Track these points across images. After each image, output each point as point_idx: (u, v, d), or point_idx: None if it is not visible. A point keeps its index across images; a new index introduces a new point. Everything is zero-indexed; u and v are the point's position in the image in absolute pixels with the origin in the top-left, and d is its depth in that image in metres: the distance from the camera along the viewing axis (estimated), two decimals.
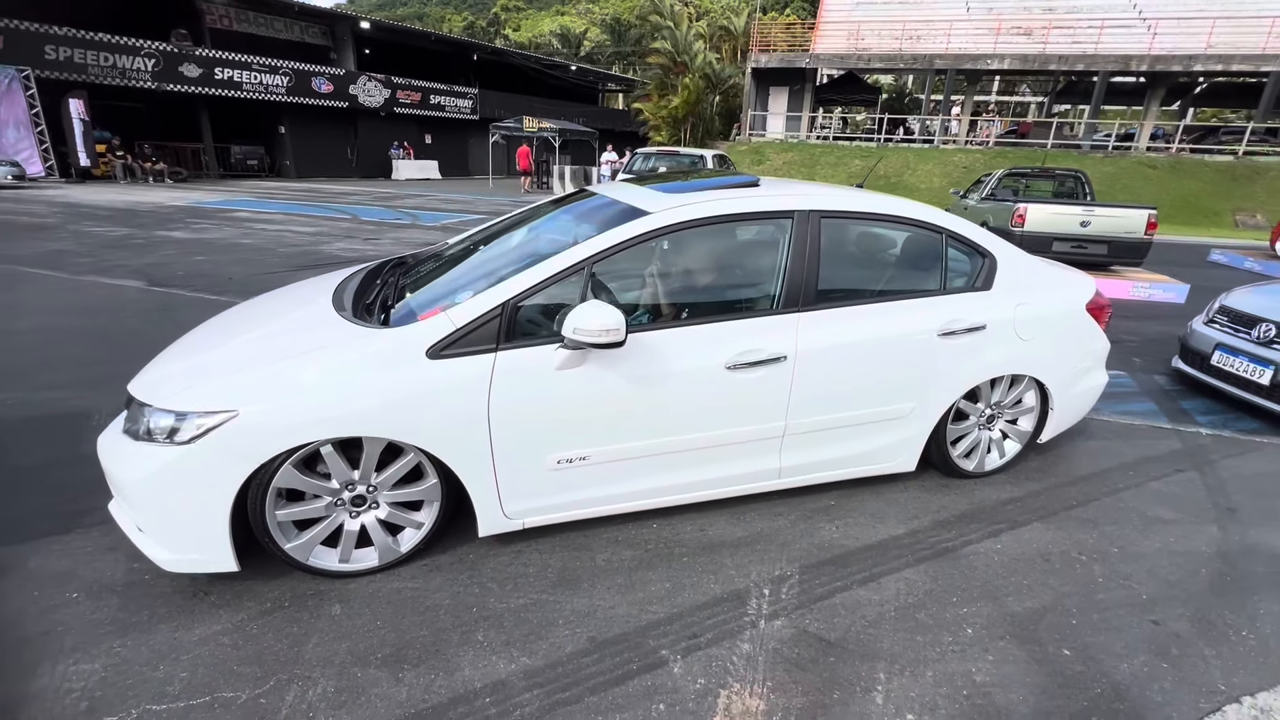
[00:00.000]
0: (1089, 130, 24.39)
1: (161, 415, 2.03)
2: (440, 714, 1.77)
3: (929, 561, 2.50)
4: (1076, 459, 3.40)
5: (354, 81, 25.18)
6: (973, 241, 2.90)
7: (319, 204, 15.08)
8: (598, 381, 2.28)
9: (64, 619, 2.06)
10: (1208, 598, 2.35)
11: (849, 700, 1.86)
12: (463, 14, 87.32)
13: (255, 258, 7.95)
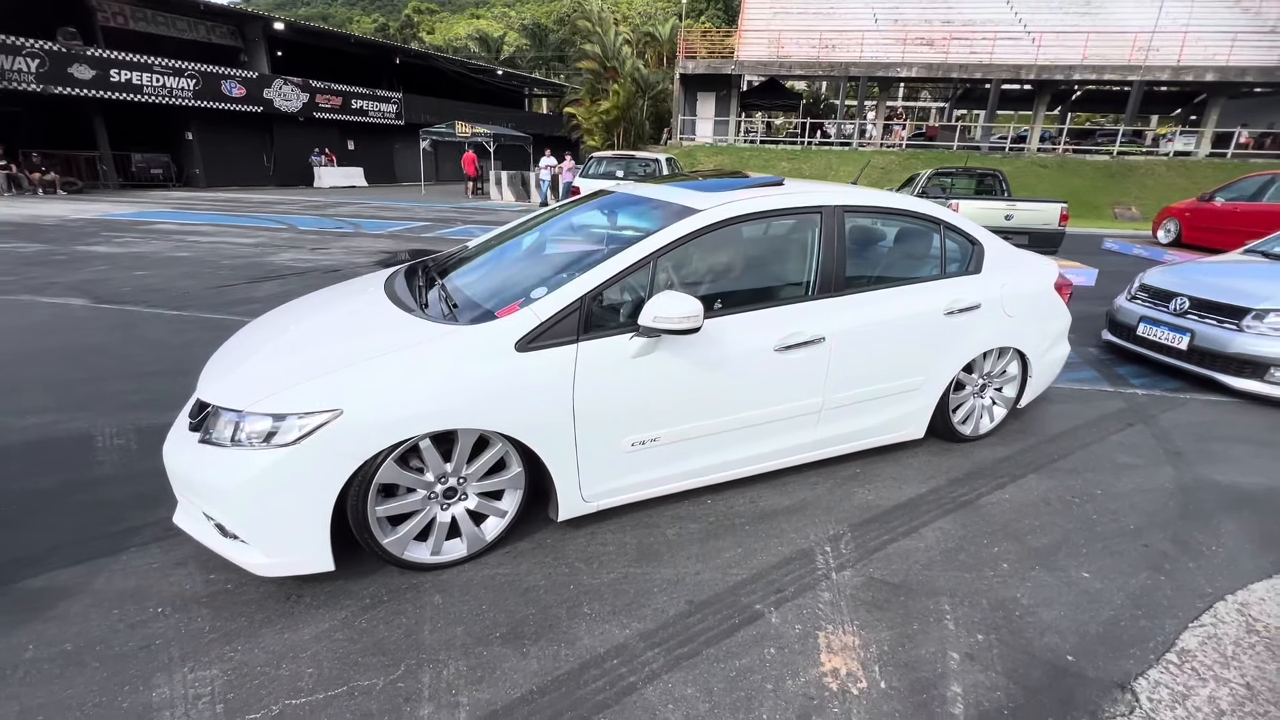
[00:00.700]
0: (986, 133, 26.59)
1: (257, 419, 2.03)
2: (576, 678, 1.89)
3: (954, 513, 2.84)
4: (1049, 421, 3.88)
5: (269, 85, 23.84)
6: (965, 231, 3.28)
7: (245, 214, 14.26)
8: (668, 367, 2.45)
9: (158, 632, 2.03)
10: (1180, 523, 2.80)
11: (926, 629, 2.13)
12: (372, 15, 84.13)
13: (202, 271, 7.52)
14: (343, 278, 7.33)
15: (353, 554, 2.25)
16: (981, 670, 1.96)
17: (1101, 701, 1.86)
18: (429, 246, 10.36)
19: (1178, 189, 19.26)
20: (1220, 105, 24.10)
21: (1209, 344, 4.38)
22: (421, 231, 12.20)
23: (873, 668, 1.96)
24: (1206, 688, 1.92)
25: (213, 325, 5.31)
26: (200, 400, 2.24)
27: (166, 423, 3.36)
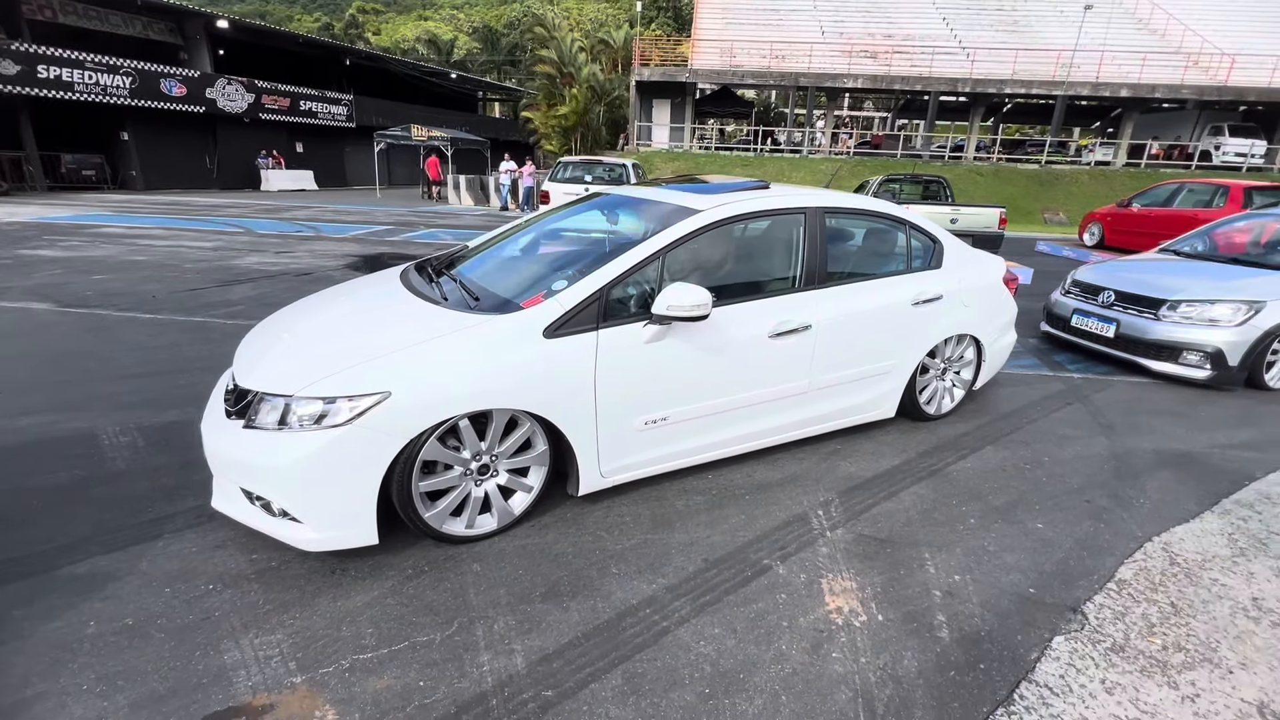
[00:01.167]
0: (927, 142, 28.03)
1: (308, 403, 2.18)
2: (615, 625, 2.12)
3: (926, 480, 3.19)
4: (999, 401, 4.32)
5: (211, 84, 22.97)
6: (927, 230, 3.67)
7: (194, 218, 13.77)
8: (677, 352, 2.71)
9: (214, 606, 2.15)
10: (1114, 482, 3.24)
11: (911, 572, 2.45)
12: (314, 15, 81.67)
13: (166, 275, 7.34)
14: (317, 280, 7.33)
15: (388, 530, 2.41)
16: (960, 603, 2.29)
17: (1059, 621, 2.21)
18: (396, 250, 10.33)
19: (1099, 196, 20.81)
20: (1134, 119, 26.12)
21: (1132, 332, 4.94)
22: (385, 235, 12.10)
23: (870, 605, 2.26)
24: (1140, 607, 2.30)
25: (192, 328, 5.26)
26: (241, 388, 2.36)
27: (167, 421, 3.46)
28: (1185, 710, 1.86)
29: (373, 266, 8.53)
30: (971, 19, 28.48)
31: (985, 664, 2.01)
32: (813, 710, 1.82)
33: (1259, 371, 4.62)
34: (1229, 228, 6.13)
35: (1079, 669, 2.00)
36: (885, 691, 1.90)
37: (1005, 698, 1.89)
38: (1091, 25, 25.40)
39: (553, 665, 1.94)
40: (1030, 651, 2.07)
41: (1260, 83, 23.04)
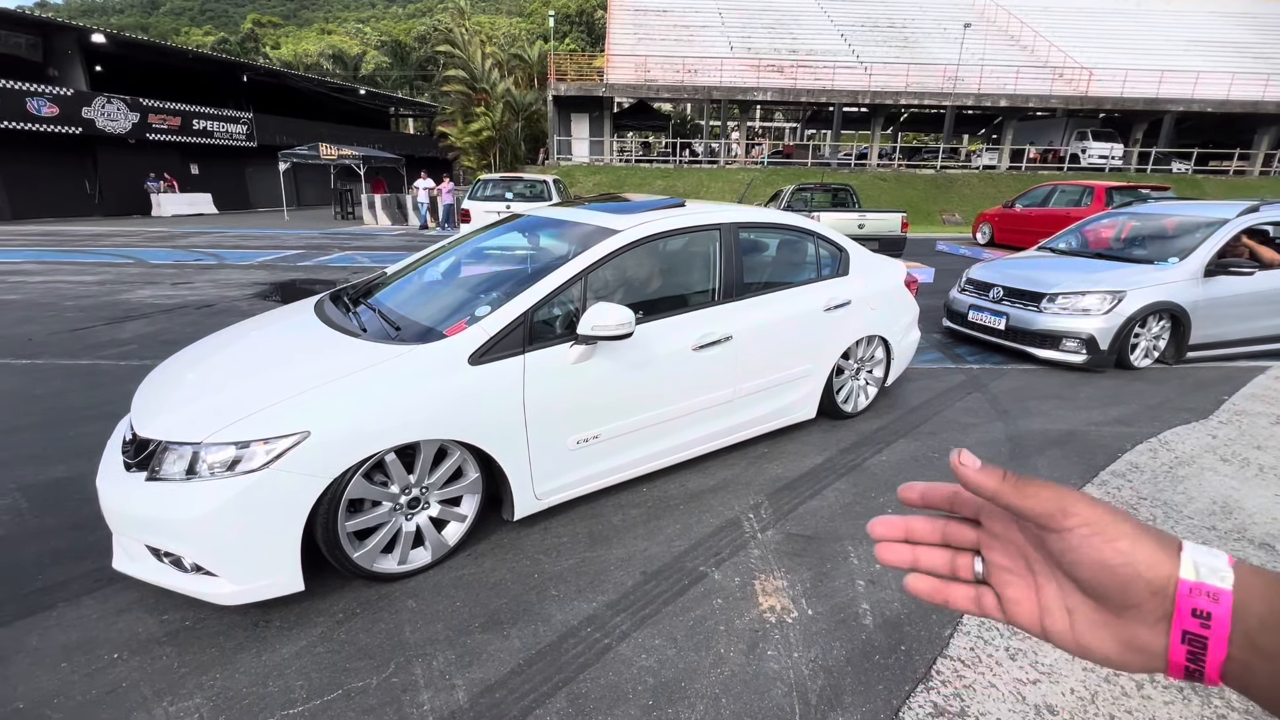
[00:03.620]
0: (834, 151, 29.59)
1: (218, 450, 2.08)
2: (557, 648, 2.13)
3: (846, 475, 3.38)
4: (909, 395, 4.64)
5: (88, 103, 21.10)
6: (833, 240, 3.90)
7: (76, 249, 12.60)
8: (605, 370, 2.76)
9: (122, 676, 2.00)
10: (1010, 463, 3.54)
11: (837, 566, 2.59)
12: (204, 28, 76.96)
13: (43, 315, 6.69)
14: (221, 312, 6.89)
15: (315, 573, 2.31)
16: (881, 590, 2.45)
17: None
18: (310, 275, 9.86)
19: (988, 197, 22.63)
20: (1013, 126, 28.62)
21: (1020, 324, 5.43)
22: (296, 260, 11.52)
23: (800, 601, 2.38)
24: None
25: (79, 372, 4.83)
26: (142, 437, 2.22)
27: (55, 478, 3.19)
28: (1076, 667, 2.07)
29: (284, 294, 8.11)
30: (866, 35, 30.39)
31: (906, 645, 2.16)
32: (752, 709, 1.90)
33: (1125, 353, 5.18)
34: (1095, 225, 6.85)
35: (986, 640, 2.19)
36: (817, 683, 2.00)
37: (924, 674, 2.04)
38: (971, 41, 27.73)
39: (496, 696, 1.93)
40: (944, 629, 2.24)
41: (1114, 93, 25.83)
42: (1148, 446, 3.77)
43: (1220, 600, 0.35)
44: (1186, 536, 2.78)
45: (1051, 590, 0.43)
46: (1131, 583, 0.38)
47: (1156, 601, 0.37)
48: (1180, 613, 0.36)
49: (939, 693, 1.97)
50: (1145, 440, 3.85)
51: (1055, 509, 0.41)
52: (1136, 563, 0.38)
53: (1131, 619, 0.39)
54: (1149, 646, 0.38)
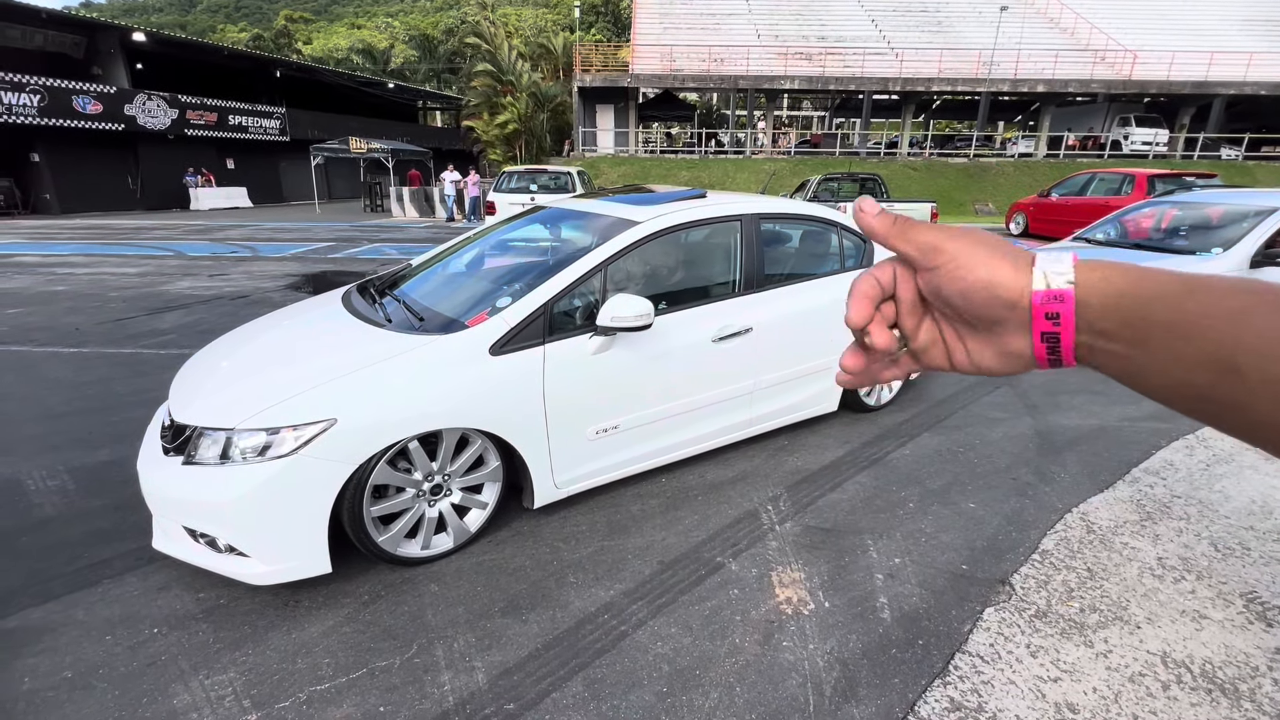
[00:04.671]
0: (863, 140, 29.04)
1: (249, 435, 2.16)
2: (574, 634, 2.17)
3: (868, 469, 3.35)
4: (935, 388, 4.56)
5: (130, 100, 21.81)
6: (857, 231, 3.85)
7: (119, 242, 13.08)
8: (624, 361, 2.78)
9: (161, 650, 2.09)
10: (1038, 459, 3.47)
11: (855, 559, 2.58)
12: (239, 25, 78.65)
13: (88, 305, 6.97)
14: (255, 303, 7.09)
15: (342, 556, 2.39)
16: (900, 584, 2.43)
17: (988, 594, 2.38)
18: (339, 268, 10.07)
19: (1023, 186, 21.98)
20: (1051, 112, 27.68)
21: None
22: (327, 252, 11.78)
23: (817, 593, 2.38)
24: (1060, 574, 2.49)
25: (122, 360, 5.03)
26: (179, 423, 2.31)
27: (100, 461, 3.33)
28: (1099, 665, 2.03)
29: (315, 286, 8.31)
30: (898, 20, 29.64)
31: (923, 640, 2.15)
32: (765, 699, 1.91)
33: None
34: (1135, 214, 6.61)
35: (1007, 636, 2.16)
36: (832, 674, 2.00)
37: (941, 669, 2.02)
38: (1008, 25, 26.82)
39: (514, 678, 1.98)
40: (964, 624, 2.22)
41: (1159, 76, 24.78)
42: (1184, 443, 3.66)
43: (1065, 300, 0.40)
44: (1222, 537, 2.71)
45: (949, 332, 0.48)
46: (991, 303, 0.43)
47: (1016, 314, 0.42)
48: (1036, 319, 0.41)
49: (956, 688, 1.95)
50: (1182, 437, 3.73)
51: (928, 247, 0.44)
52: (993, 285, 0.42)
53: (1002, 333, 0.44)
54: (1020, 351, 0.44)
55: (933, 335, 0.48)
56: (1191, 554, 2.63)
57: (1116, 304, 0.39)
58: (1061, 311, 0.40)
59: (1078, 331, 0.40)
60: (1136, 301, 0.38)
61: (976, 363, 0.47)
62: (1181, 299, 0.37)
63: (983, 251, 0.43)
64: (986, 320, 0.44)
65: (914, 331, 0.48)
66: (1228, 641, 2.15)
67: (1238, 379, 0.34)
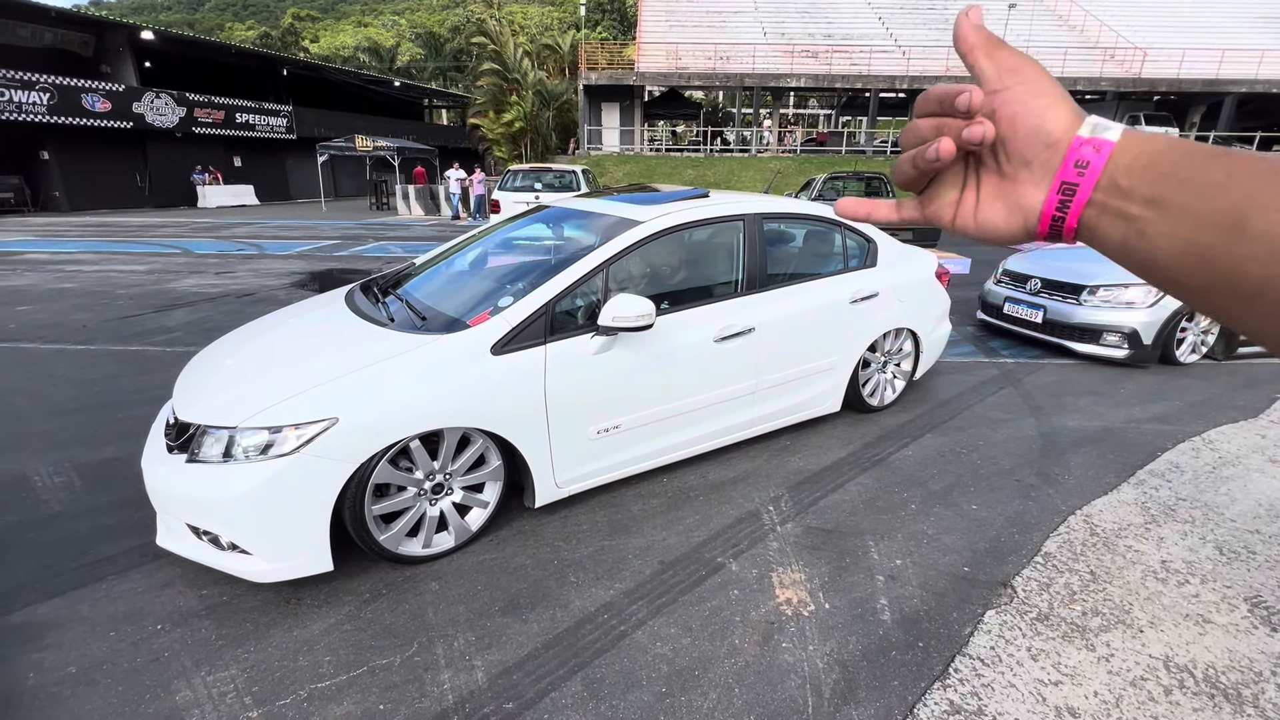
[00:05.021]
0: (869, 138, 28.92)
1: (252, 434, 2.17)
2: (574, 633, 2.17)
3: (870, 470, 3.35)
4: (938, 389, 4.54)
5: (138, 98, 21.91)
6: (861, 231, 3.83)
7: (127, 239, 13.16)
8: (625, 361, 2.78)
9: (164, 646, 2.11)
10: (1041, 460, 3.45)
11: (856, 560, 2.58)
12: (246, 23, 78.96)
13: (96, 303, 7.02)
14: (261, 301, 7.13)
15: (344, 555, 2.40)
16: (901, 586, 2.42)
17: (990, 597, 2.37)
18: (345, 266, 10.11)
19: None
20: None
21: (1058, 317, 5.25)
22: (332, 250, 11.81)
23: (818, 594, 2.38)
24: (1063, 577, 2.48)
25: (129, 358, 5.07)
26: (183, 421, 2.32)
27: (105, 458, 3.35)
28: (1101, 669, 2.02)
29: (320, 284, 8.34)
30: (905, 18, 29.48)
31: (924, 642, 2.14)
32: (764, 700, 1.91)
33: (1170, 348, 4.97)
34: None
35: (1008, 640, 2.15)
36: (832, 676, 2.00)
37: (941, 672, 2.02)
38: (1016, 23, 26.67)
39: (513, 677, 1.98)
40: (964, 627, 2.21)
41: (1170, 74, 24.57)
42: (1190, 445, 3.63)
43: (1102, 151, 0.40)
44: (1227, 540, 2.69)
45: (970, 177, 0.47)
46: (1034, 136, 0.42)
47: (1049, 155, 0.42)
48: (1065, 164, 0.41)
49: (956, 691, 1.95)
50: (1188, 439, 3.71)
51: (1009, 67, 0.43)
52: (1048, 116, 0.42)
53: (1023, 180, 0.43)
54: (1030, 203, 0.43)
55: (954, 180, 0.47)
56: (1196, 557, 2.62)
57: (1148, 161, 0.39)
58: (1092, 161, 0.40)
59: (1096, 188, 0.40)
60: (1168, 159, 0.38)
61: (982, 219, 0.46)
62: (1211, 159, 0.37)
63: (1053, 88, 0.43)
64: (1020, 157, 0.43)
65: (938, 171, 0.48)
66: (1231, 646, 2.13)
67: (1241, 234, 0.34)
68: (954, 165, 0.47)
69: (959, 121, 0.44)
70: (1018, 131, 0.42)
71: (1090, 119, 0.41)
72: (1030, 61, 0.44)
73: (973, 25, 0.45)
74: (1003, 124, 0.43)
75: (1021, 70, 0.43)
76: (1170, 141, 0.40)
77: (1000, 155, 0.44)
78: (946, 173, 0.47)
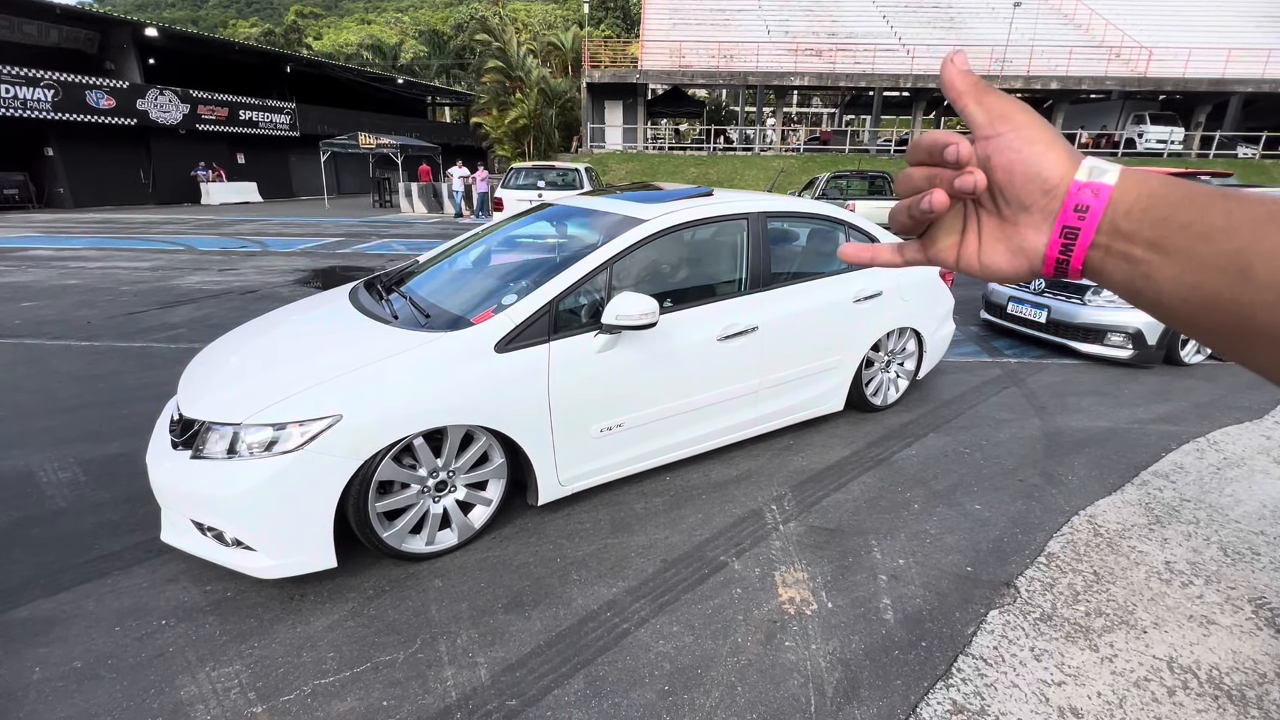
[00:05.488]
0: (873, 137, 28.83)
1: (256, 430, 2.17)
2: (577, 631, 2.18)
3: (873, 469, 3.34)
4: (942, 388, 4.53)
5: (142, 95, 21.96)
6: (864, 229, 3.83)
7: (131, 236, 13.19)
8: (629, 359, 2.78)
9: (169, 641, 2.12)
10: (1045, 461, 3.45)
11: (859, 560, 2.58)
12: (250, 20, 79.02)
13: (100, 299, 7.04)
14: (264, 298, 7.14)
15: (347, 551, 2.41)
16: (904, 585, 2.42)
17: (993, 596, 2.36)
18: (348, 263, 10.12)
19: None
20: (1064, 110, 27.39)
21: (1062, 317, 5.24)
22: (336, 248, 11.83)
23: (821, 594, 2.38)
24: (1066, 578, 2.47)
25: (133, 354, 5.08)
26: (187, 417, 2.33)
27: (110, 454, 3.36)
28: (1104, 670, 2.02)
29: (323, 281, 8.36)
30: (910, 16, 29.40)
31: (926, 642, 2.14)
32: (767, 698, 1.91)
33: (1175, 349, 4.96)
34: None
35: (1011, 640, 2.15)
36: (834, 675, 2.00)
37: (944, 672, 2.02)
38: (1021, 21, 26.58)
39: (516, 675, 1.99)
40: (967, 627, 2.21)
41: (1175, 73, 24.46)
42: (1194, 446, 3.62)
43: (1100, 195, 0.40)
44: (1231, 541, 2.68)
45: (970, 220, 0.47)
46: (1031, 182, 0.42)
47: (1049, 200, 0.42)
48: (1065, 209, 0.41)
49: (959, 690, 1.95)
50: (1192, 440, 3.70)
51: (999, 114, 0.43)
52: (1043, 163, 0.42)
53: (1025, 223, 0.43)
54: (1033, 246, 0.43)
55: (953, 223, 0.48)
56: (1200, 558, 2.61)
57: (1148, 204, 0.39)
58: (1091, 205, 0.40)
59: (1098, 231, 0.40)
60: (1167, 202, 0.38)
61: (986, 261, 0.46)
62: (1210, 202, 0.37)
63: (1046, 133, 0.43)
64: (1019, 202, 0.43)
65: (929, 229, 0.48)
66: (1235, 647, 2.13)
67: (1248, 282, 0.35)
68: (953, 208, 0.47)
69: (951, 171, 0.45)
70: (1014, 178, 0.43)
71: (1086, 161, 0.42)
72: (1020, 106, 0.44)
73: (959, 71, 0.45)
74: (998, 171, 0.43)
75: (1012, 116, 0.43)
76: (1167, 182, 0.40)
77: (999, 200, 0.45)
78: (946, 215, 0.48)
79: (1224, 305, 0.36)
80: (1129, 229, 0.39)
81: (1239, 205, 0.36)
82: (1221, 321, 0.37)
